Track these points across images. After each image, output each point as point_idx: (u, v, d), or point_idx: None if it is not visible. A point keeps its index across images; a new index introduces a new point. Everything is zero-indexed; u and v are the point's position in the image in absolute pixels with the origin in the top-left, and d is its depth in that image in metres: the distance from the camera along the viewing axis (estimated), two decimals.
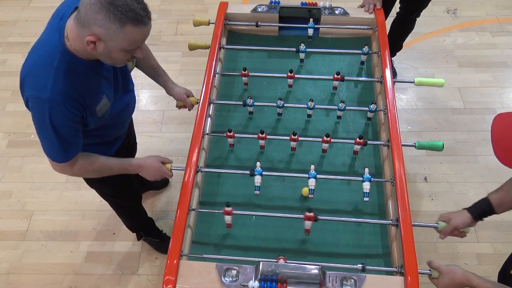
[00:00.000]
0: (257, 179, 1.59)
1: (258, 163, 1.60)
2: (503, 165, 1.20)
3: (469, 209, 1.51)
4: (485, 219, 1.53)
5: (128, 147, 1.94)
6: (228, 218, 1.53)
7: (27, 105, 1.37)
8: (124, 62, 1.35)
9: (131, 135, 1.98)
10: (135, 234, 2.36)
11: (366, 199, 1.59)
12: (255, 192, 1.60)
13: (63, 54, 1.30)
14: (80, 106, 1.36)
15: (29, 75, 1.33)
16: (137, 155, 2.17)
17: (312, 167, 1.59)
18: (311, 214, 1.48)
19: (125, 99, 1.63)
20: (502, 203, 1.45)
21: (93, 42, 1.23)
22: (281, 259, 1.39)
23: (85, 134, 1.47)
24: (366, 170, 1.59)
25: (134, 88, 1.70)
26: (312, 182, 1.57)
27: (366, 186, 1.58)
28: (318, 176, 1.58)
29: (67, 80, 1.30)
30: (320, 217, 1.50)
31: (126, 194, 2.01)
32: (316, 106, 1.81)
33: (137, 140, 2.14)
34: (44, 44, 1.35)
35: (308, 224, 1.51)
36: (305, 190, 1.66)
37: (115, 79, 1.51)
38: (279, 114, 1.87)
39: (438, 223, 1.54)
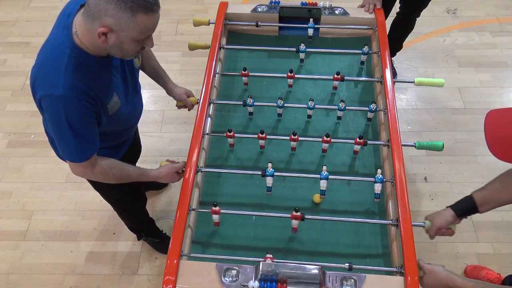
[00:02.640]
0: (269, 180, 1.60)
1: (269, 164, 1.60)
2: (499, 160, 1.20)
3: (452, 207, 1.51)
4: (484, 218, 1.53)
5: (133, 149, 1.94)
6: (215, 217, 1.53)
7: (39, 106, 1.36)
8: (134, 53, 1.34)
9: (136, 138, 1.98)
10: (135, 234, 2.36)
11: (377, 200, 1.60)
12: (267, 192, 1.61)
13: (73, 50, 1.30)
14: (93, 101, 1.35)
15: (40, 75, 1.32)
16: None
17: (324, 168, 1.58)
18: (298, 213, 1.48)
19: (135, 100, 1.63)
20: (486, 202, 1.44)
21: (105, 34, 1.23)
22: (268, 259, 1.38)
23: None
24: (379, 171, 1.59)
25: None
26: (323, 183, 1.58)
27: (378, 187, 1.58)
28: (329, 177, 1.58)
29: (78, 75, 1.30)
30: (319, 217, 1.50)
31: (133, 198, 2.01)
32: (316, 106, 1.81)
33: None
34: (53, 43, 1.35)
35: (295, 223, 1.51)
36: (316, 197, 1.66)
37: (124, 78, 1.51)
38: (279, 115, 1.87)
39: (424, 222, 1.55)
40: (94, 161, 1.45)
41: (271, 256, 1.40)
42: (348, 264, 1.40)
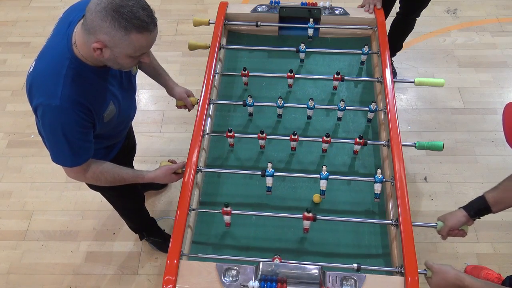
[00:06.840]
0: (269, 180, 1.60)
1: (269, 164, 1.60)
2: None
3: (465, 208, 1.51)
4: (484, 219, 1.53)
5: (127, 149, 1.94)
6: (227, 218, 1.53)
7: (35, 113, 1.37)
8: (130, 66, 1.35)
9: (130, 137, 1.98)
10: (136, 234, 2.35)
11: (377, 200, 1.60)
12: (267, 192, 1.62)
13: (72, 61, 1.31)
14: (89, 112, 1.36)
15: (37, 82, 1.33)
16: (137, 154, 2.17)
17: (324, 168, 1.58)
18: (310, 214, 1.48)
19: (129, 105, 1.64)
20: (499, 201, 1.44)
21: (100, 48, 1.24)
22: (276, 259, 1.39)
23: None
24: (379, 171, 1.59)
25: None
26: (323, 183, 1.58)
27: (378, 187, 1.58)
28: (329, 177, 1.58)
29: (76, 87, 1.31)
30: (319, 217, 1.50)
31: (130, 196, 2.01)
32: (316, 106, 1.81)
33: (137, 140, 2.14)
34: (52, 51, 1.35)
35: (307, 223, 1.52)
36: (316, 197, 1.66)
37: (121, 85, 1.52)
38: (279, 115, 1.87)
39: (436, 223, 1.55)
40: (87, 167, 1.47)
41: (279, 256, 1.40)
42: (356, 265, 1.40)
